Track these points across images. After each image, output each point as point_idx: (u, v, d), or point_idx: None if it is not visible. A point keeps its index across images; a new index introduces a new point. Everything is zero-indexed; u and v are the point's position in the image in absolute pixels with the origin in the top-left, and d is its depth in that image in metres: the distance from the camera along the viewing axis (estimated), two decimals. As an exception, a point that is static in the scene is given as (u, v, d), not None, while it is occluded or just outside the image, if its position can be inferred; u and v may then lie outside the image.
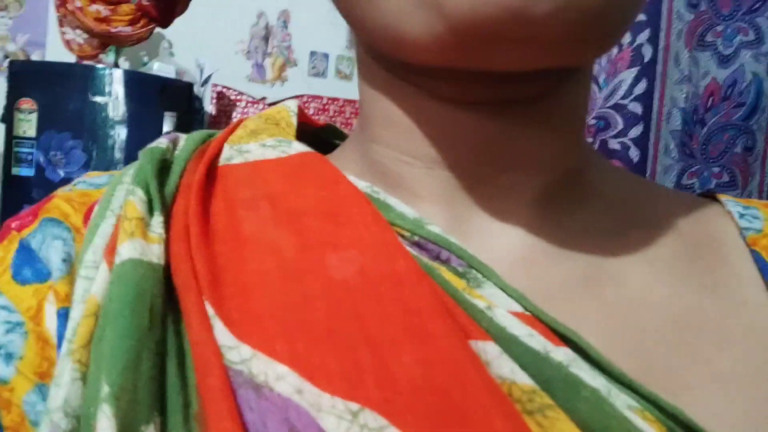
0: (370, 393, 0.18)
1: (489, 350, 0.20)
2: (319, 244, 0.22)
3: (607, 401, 0.19)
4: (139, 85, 1.72)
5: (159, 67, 1.95)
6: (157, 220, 0.23)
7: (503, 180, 0.25)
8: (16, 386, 0.22)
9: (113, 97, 1.68)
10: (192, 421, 0.19)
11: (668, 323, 0.23)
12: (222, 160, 0.27)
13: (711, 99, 0.92)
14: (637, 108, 0.92)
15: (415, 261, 0.22)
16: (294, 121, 0.29)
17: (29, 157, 1.67)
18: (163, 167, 0.26)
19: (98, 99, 1.67)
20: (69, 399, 0.19)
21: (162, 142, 0.27)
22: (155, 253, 0.22)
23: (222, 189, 0.25)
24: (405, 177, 0.26)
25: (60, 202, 0.26)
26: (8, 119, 1.66)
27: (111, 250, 0.22)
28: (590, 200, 0.27)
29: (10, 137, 1.66)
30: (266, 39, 2.34)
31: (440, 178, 0.25)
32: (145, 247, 0.22)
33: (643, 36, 0.91)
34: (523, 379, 0.19)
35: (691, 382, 0.22)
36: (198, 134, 0.29)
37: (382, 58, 0.25)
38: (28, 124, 1.65)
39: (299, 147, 0.26)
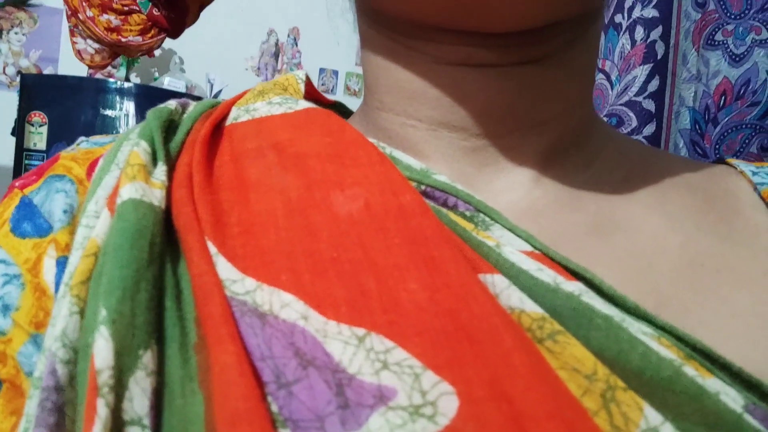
0: (376, 318, 0.18)
1: (497, 282, 0.19)
2: (324, 183, 0.22)
3: (621, 327, 0.18)
4: (149, 99, 1.73)
5: (169, 82, 1.97)
6: (161, 169, 0.23)
7: (508, 140, 0.25)
8: (13, 338, 0.22)
9: (123, 111, 1.69)
10: (190, 351, 0.18)
11: (683, 265, 0.22)
12: (229, 120, 0.27)
13: (723, 98, 0.91)
14: (650, 105, 0.91)
15: (421, 196, 0.21)
16: (302, 87, 0.29)
17: (39, 170, 1.68)
18: (170, 127, 0.25)
19: (109, 113, 1.68)
20: (67, 331, 0.18)
21: (171, 104, 0.27)
22: (156, 197, 0.21)
23: (228, 144, 0.25)
24: (410, 139, 0.26)
25: (64, 161, 0.26)
26: (19, 133, 1.68)
27: (113, 198, 0.21)
28: (598, 160, 0.26)
29: (21, 150, 1.67)
30: (276, 56, 2.37)
31: (445, 139, 0.25)
32: (146, 189, 0.21)
33: (656, 33, 0.90)
34: (533, 308, 0.18)
35: (708, 319, 0.21)
36: (207, 101, 0.29)
37: (386, 24, 0.25)
38: (38, 137, 1.67)
39: (305, 104, 0.26)
